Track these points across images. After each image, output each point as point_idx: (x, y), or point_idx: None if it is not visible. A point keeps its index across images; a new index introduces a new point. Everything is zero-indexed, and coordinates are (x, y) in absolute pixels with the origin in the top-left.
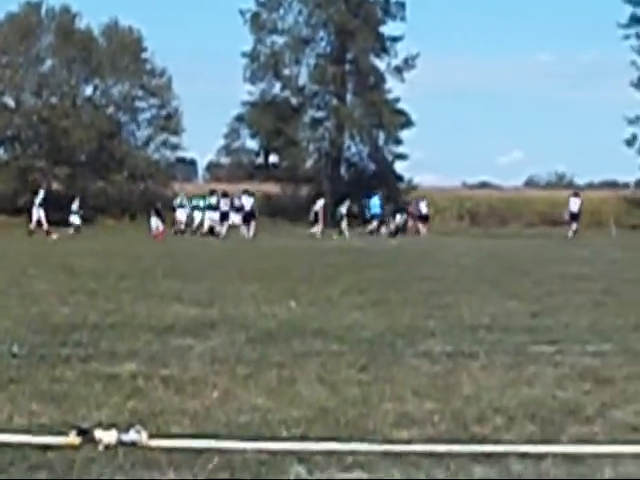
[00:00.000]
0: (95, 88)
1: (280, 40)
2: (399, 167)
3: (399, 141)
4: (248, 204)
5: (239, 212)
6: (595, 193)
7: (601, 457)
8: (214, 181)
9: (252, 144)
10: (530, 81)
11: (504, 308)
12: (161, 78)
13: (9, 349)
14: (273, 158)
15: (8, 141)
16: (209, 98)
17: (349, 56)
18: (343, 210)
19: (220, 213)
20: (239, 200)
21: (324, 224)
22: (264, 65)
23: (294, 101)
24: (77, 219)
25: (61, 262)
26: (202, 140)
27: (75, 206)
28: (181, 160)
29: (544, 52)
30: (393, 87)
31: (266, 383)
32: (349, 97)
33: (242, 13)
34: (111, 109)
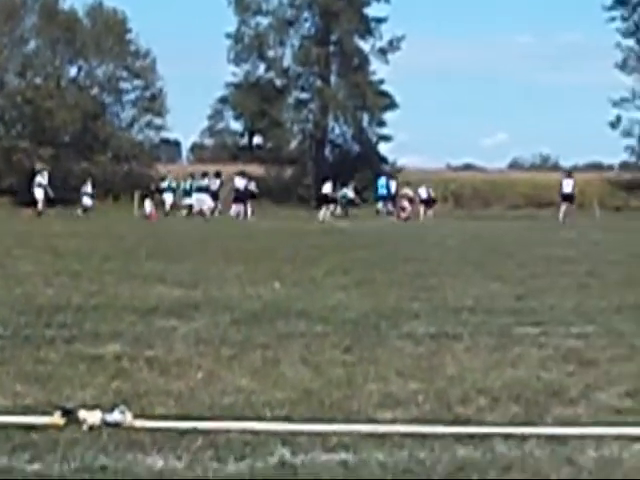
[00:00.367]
0: (79, 69)
1: (264, 21)
2: (383, 149)
3: (383, 123)
4: (241, 185)
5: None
6: (579, 175)
7: (585, 438)
8: (198, 162)
9: (236, 125)
10: (514, 63)
11: (488, 290)
12: (145, 59)
13: None
14: (257, 139)
15: None
16: (193, 79)
17: (333, 37)
18: (350, 193)
19: (211, 193)
20: (232, 182)
21: (335, 207)
22: (248, 46)
23: (278, 82)
24: (89, 200)
25: (45, 243)
26: (186, 121)
27: (88, 187)
28: (165, 141)
29: (524, 34)
30: (377, 69)
31: (250, 364)
32: (333, 79)
33: None
34: (95, 90)
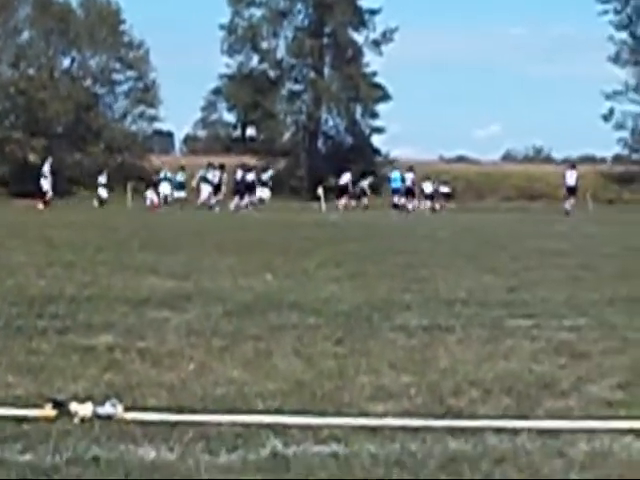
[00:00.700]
0: (73, 60)
1: (258, 13)
2: (376, 141)
3: (376, 115)
4: (238, 177)
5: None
6: None
7: (576, 431)
8: (191, 154)
9: (229, 117)
10: (507, 55)
11: (481, 282)
12: (138, 50)
13: None
14: (250, 131)
15: None
16: (186, 71)
17: (327, 29)
18: (365, 185)
19: (213, 186)
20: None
21: (349, 199)
22: (242, 38)
23: (272, 74)
24: (105, 192)
25: (39, 234)
26: (179, 113)
27: (103, 179)
28: (158, 132)
29: (518, 26)
30: (371, 61)
31: (242, 356)
32: (327, 70)
33: None
34: (88, 81)
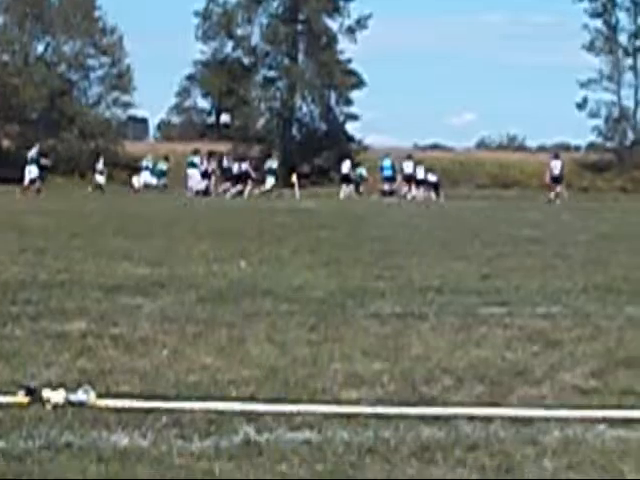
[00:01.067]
0: (47, 46)
1: None
2: (350, 128)
3: (350, 102)
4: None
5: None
6: (546, 156)
7: (549, 419)
8: (165, 140)
9: (204, 103)
10: (482, 42)
11: (454, 270)
12: (112, 36)
13: None
14: (225, 117)
15: None
16: (161, 57)
17: (301, 16)
18: (365, 172)
19: (201, 172)
20: (227, 162)
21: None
22: (216, 24)
23: (246, 61)
24: (102, 179)
25: (11, 220)
26: (153, 99)
27: (100, 165)
28: (132, 118)
29: (494, 13)
30: (345, 48)
31: (216, 343)
32: (301, 57)
33: None
34: (63, 67)
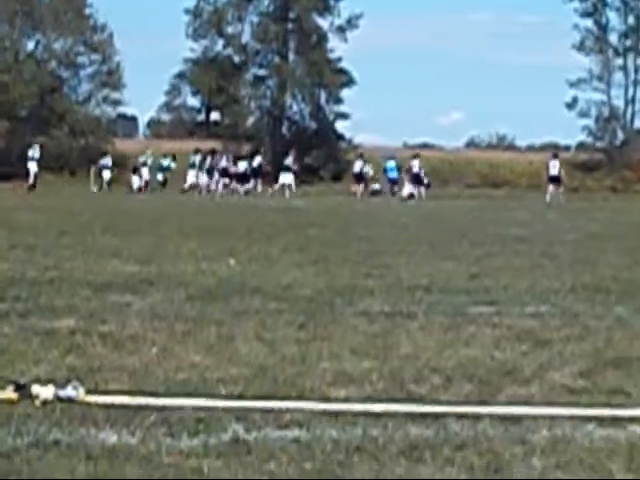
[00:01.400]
0: (37, 43)
1: None
2: (340, 126)
3: (340, 100)
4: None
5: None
6: (536, 155)
7: (538, 418)
8: (155, 138)
9: (193, 101)
10: (472, 42)
11: (443, 269)
12: (103, 34)
13: None
14: (214, 115)
15: None
16: (151, 54)
17: (292, 15)
18: (371, 172)
19: (206, 170)
20: (226, 161)
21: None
22: (207, 22)
23: (236, 59)
24: (108, 174)
25: (1, 217)
26: (143, 96)
27: (106, 161)
28: (122, 116)
29: (483, 12)
30: (335, 47)
31: (204, 340)
32: (291, 56)
33: None
34: (53, 64)
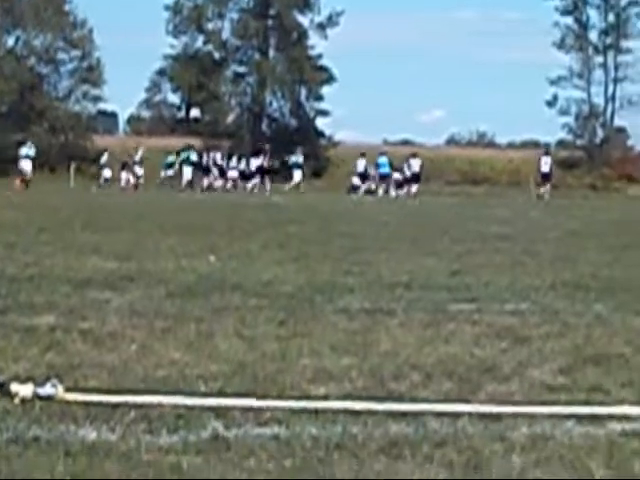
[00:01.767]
0: (17, 39)
1: None
2: (320, 123)
3: (321, 97)
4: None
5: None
6: (516, 153)
7: (517, 416)
8: (135, 134)
9: (174, 98)
10: (453, 39)
11: (423, 266)
12: (82, 30)
13: None
14: (195, 112)
15: None
16: (131, 51)
17: (272, 11)
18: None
19: (203, 168)
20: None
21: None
22: (187, 18)
23: (216, 55)
24: (108, 172)
25: None
26: (123, 93)
27: (104, 159)
28: (102, 113)
29: (465, 10)
30: (316, 44)
31: (184, 337)
32: (272, 52)
33: None
34: (33, 60)
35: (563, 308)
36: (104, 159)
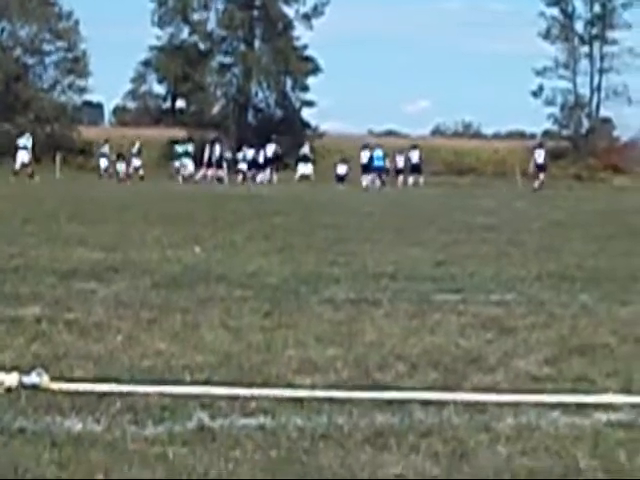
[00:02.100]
0: (2, 30)
1: None
2: (306, 114)
3: (306, 88)
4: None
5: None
6: (501, 143)
7: (503, 406)
8: (120, 125)
9: (159, 89)
10: (439, 30)
11: (408, 256)
12: (68, 21)
13: None
14: (180, 103)
15: None
16: (116, 42)
17: (258, 2)
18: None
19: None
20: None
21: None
22: (172, 9)
23: (202, 46)
24: (105, 162)
25: None
26: (109, 84)
27: (105, 149)
28: (87, 103)
29: (453, 0)
30: (301, 34)
31: (170, 328)
32: (257, 43)
33: None
34: (18, 51)
35: (549, 298)
36: (105, 149)
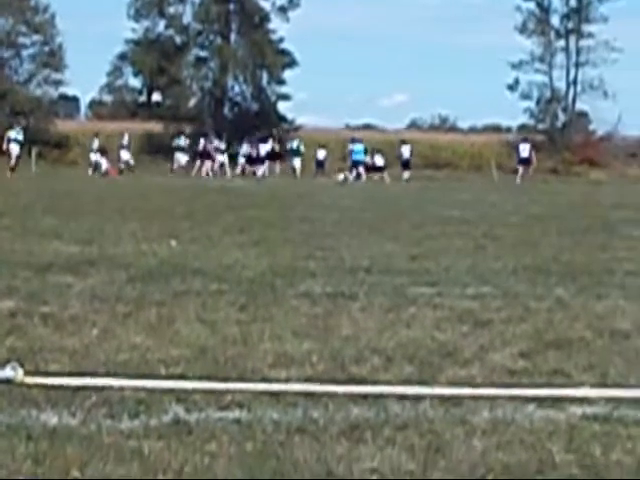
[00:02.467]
0: None
1: None
2: (282, 107)
3: (282, 81)
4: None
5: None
6: (477, 137)
7: (478, 399)
8: (96, 119)
9: (135, 82)
10: (416, 24)
11: (384, 250)
12: (44, 14)
13: None
14: (156, 96)
15: None
16: (92, 35)
17: None
18: (380, 161)
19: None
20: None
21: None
22: (149, 3)
23: (178, 40)
24: (95, 156)
25: None
26: (85, 77)
27: (95, 144)
28: (63, 97)
29: None
30: (277, 27)
31: (145, 322)
32: (233, 36)
33: None
34: None
35: (524, 292)
36: (95, 144)
